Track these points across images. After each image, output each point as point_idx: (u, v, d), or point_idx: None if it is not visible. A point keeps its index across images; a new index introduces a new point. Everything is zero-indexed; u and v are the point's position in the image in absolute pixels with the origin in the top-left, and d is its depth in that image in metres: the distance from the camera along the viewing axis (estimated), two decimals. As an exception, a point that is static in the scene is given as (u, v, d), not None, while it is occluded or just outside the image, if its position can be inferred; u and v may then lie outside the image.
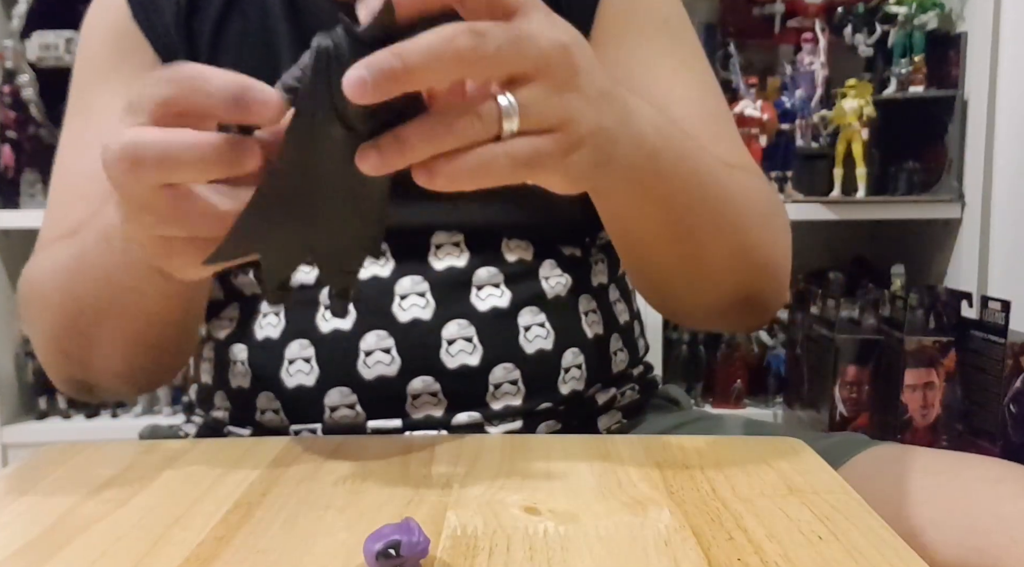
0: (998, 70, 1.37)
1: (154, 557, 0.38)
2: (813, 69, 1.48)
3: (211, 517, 0.42)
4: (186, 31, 0.67)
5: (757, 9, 1.58)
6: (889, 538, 0.38)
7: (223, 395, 0.68)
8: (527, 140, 0.41)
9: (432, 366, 0.62)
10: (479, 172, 0.40)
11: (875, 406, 1.26)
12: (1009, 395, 1.12)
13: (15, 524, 0.43)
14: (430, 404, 0.62)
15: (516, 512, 0.42)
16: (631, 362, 0.72)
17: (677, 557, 0.37)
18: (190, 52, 0.67)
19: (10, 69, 1.48)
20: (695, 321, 0.84)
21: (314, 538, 0.40)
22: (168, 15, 0.67)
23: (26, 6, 1.50)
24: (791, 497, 0.43)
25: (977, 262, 1.40)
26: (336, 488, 0.46)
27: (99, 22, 0.70)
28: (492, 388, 0.63)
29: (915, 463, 0.54)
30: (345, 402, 0.62)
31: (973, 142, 1.39)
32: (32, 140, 1.50)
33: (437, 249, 0.65)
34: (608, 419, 0.68)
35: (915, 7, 1.44)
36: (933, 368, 1.19)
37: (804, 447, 0.52)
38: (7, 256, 1.52)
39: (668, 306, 0.68)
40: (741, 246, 0.61)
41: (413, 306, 0.63)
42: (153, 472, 0.49)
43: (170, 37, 0.67)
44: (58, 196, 0.69)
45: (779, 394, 1.54)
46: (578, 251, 0.68)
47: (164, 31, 0.67)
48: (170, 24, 0.67)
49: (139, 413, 1.56)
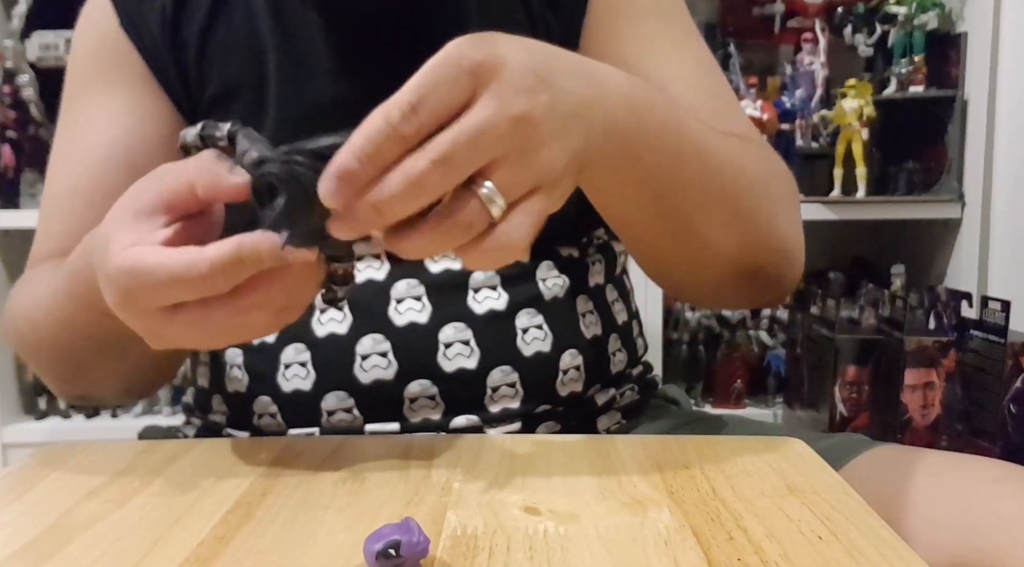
0: (998, 70, 1.37)
1: (154, 557, 0.38)
2: (813, 69, 1.48)
3: (211, 517, 0.42)
4: (172, 39, 0.66)
5: (757, 9, 1.57)
6: (889, 538, 0.38)
7: (220, 399, 0.68)
8: (522, 214, 0.42)
9: (429, 370, 0.62)
10: (498, 258, 0.42)
11: (875, 406, 1.26)
12: (1009, 395, 1.12)
13: (15, 524, 0.43)
14: (428, 408, 0.62)
15: (516, 512, 0.42)
16: (630, 362, 0.72)
17: (677, 557, 0.37)
18: (177, 60, 0.66)
19: (10, 69, 1.48)
20: (702, 298, 0.82)
21: (314, 538, 0.40)
22: (154, 24, 0.66)
23: (26, 6, 1.50)
24: (791, 497, 0.43)
25: (977, 262, 1.40)
26: (336, 488, 0.46)
27: (88, 30, 0.70)
28: (490, 391, 0.62)
29: (915, 464, 0.54)
30: (342, 406, 0.62)
31: (973, 142, 1.39)
32: (32, 140, 1.50)
33: None
34: (607, 420, 0.68)
35: (915, 7, 1.44)
36: (933, 368, 1.19)
37: (804, 447, 0.52)
38: (7, 256, 1.53)
39: (671, 283, 0.67)
40: (736, 217, 0.59)
41: (409, 309, 0.62)
42: (153, 472, 0.49)
43: (156, 46, 0.67)
44: (46, 209, 0.70)
45: (779, 394, 1.53)
46: (575, 251, 0.68)
47: (151, 40, 0.67)
48: (156, 32, 0.66)
49: (139, 413, 1.55)
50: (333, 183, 0.40)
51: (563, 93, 0.44)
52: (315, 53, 0.65)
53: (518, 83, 0.42)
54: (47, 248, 0.68)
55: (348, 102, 0.65)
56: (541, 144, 0.42)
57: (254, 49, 0.66)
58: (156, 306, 0.44)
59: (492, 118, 0.41)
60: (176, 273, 0.42)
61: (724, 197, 0.57)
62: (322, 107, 0.65)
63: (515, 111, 0.41)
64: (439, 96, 0.41)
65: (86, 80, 0.69)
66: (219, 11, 0.66)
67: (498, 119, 0.41)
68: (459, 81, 0.41)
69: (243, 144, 0.44)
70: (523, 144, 0.42)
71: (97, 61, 0.68)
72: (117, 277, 0.44)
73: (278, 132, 0.65)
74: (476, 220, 0.41)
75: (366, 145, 0.40)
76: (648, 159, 0.51)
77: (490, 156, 0.41)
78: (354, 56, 0.65)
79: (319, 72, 0.65)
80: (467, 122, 0.40)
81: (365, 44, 0.66)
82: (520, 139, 0.42)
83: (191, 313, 0.44)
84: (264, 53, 0.65)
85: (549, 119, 0.42)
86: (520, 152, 0.42)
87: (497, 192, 0.41)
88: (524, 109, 0.41)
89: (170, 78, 0.67)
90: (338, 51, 0.65)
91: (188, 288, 0.43)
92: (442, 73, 0.41)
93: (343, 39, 0.65)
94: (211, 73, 0.66)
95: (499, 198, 0.41)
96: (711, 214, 0.57)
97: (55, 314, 0.59)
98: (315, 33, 0.65)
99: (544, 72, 0.43)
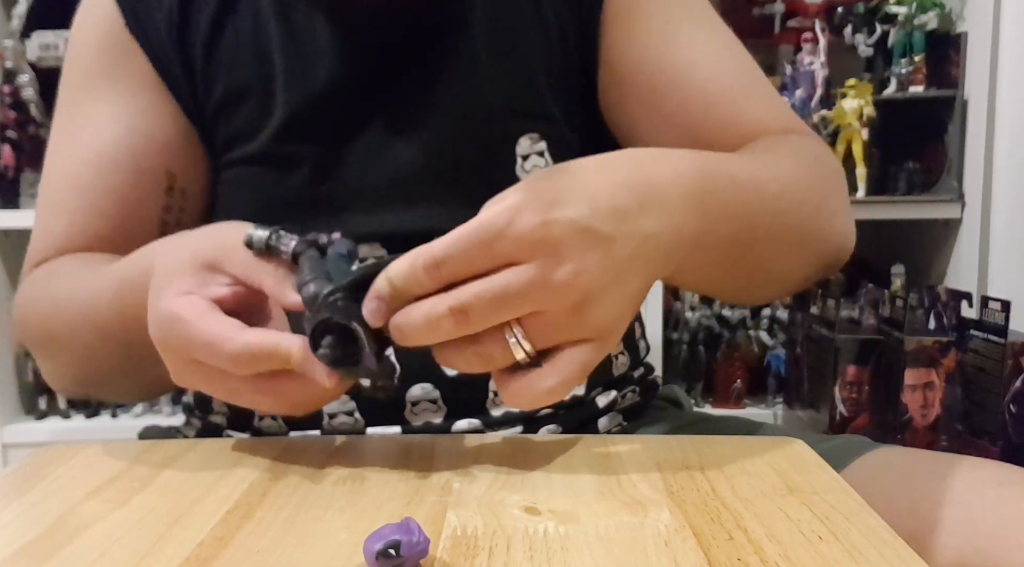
0: (998, 70, 1.37)
1: (154, 557, 0.38)
2: (813, 69, 1.48)
3: (211, 517, 0.42)
4: (179, 41, 0.66)
5: (757, 9, 1.57)
6: (889, 538, 0.38)
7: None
8: (566, 360, 0.42)
9: (431, 373, 0.62)
10: (535, 398, 0.43)
11: (875, 406, 1.26)
12: (1009, 395, 1.12)
13: (15, 524, 0.43)
14: (429, 411, 0.62)
15: (516, 512, 0.42)
16: (632, 364, 0.72)
17: (677, 557, 0.37)
18: (183, 62, 0.66)
19: (10, 69, 1.48)
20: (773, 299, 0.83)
21: (314, 538, 0.40)
22: (161, 25, 0.66)
23: (26, 6, 1.50)
24: (791, 497, 0.43)
25: (977, 262, 1.40)
26: (336, 488, 0.46)
27: (89, 27, 0.69)
28: (492, 395, 0.62)
29: (917, 466, 0.54)
30: (344, 409, 0.62)
31: (973, 142, 1.39)
32: (32, 140, 1.50)
33: None
34: (608, 422, 0.68)
35: (915, 7, 1.44)
36: (933, 368, 1.19)
37: (804, 447, 0.51)
38: (7, 256, 1.53)
39: (748, 301, 0.69)
40: (802, 240, 0.59)
41: None
42: (153, 472, 0.49)
43: (163, 47, 0.66)
44: (47, 205, 0.69)
45: (779, 394, 1.53)
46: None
47: (158, 41, 0.66)
48: (163, 33, 0.66)
49: (139, 413, 1.55)
50: (371, 309, 0.43)
51: (623, 239, 0.42)
52: (322, 55, 0.65)
53: (568, 249, 0.41)
54: (52, 246, 0.67)
55: (355, 103, 0.65)
56: (591, 302, 0.42)
57: (261, 51, 0.66)
58: (185, 356, 0.46)
59: (530, 286, 0.40)
60: (208, 340, 0.44)
61: (789, 231, 0.58)
62: (329, 109, 0.65)
63: (558, 279, 0.41)
64: (469, 258, 0.41)
65: (89, 78, 0.68)
66: (226, 14, 0.66)
67: (536, 289, 0.40)
68: (502, 245, 0.41)
69: (304, 273, 0.46)
70: (568, 305, 0.41)
71: (101, 60, 0.68)
72: (161, 318, 0.46)
73: (284, 133, 0.65)
74: (499, 356, 0.42)
75: (389, 286, 0.42)
76: (720, 242, 0.51)
77: (522, 312, 0.41)
78: (361, 57, 0.65)
79: (326, 74, 0.65)
80: (501, 281, 0.41)
81: (371, 45, 0.65)
82: (564, 301, 0.41)
83: (210, 372, 0.46)
84: (271, 55, 0.65)
85: (601, 274, 0.42)
86: (564, 311, 0.41)
87: (525, 340, 0.42)
88: (568, 276, 0.41)
89: (177, 79, 0.67)
90: (345, 53, 0.65)
91: (213, 358, 0.45)
92: (481, 236, 0.41)
93: (350, 41, 0.65)
94: (218, 75, 0.66)
95: (526, 344, 0.42)
96: (781, 251, 0.58)
97: (91, 316, 0.59)
98: (322, 35, 0.65)
99: (603, 224, 0.42)
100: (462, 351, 0.42)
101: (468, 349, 0.42)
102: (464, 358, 0.43)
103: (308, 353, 0.44)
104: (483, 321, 0.41)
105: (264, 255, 0.47)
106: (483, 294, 0.40)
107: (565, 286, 0.41)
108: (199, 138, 0.68)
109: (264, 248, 0.47)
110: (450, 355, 0.43)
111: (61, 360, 0.64)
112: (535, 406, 0.43)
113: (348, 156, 0.64)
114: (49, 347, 0.64)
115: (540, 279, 0.40)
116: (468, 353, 0.42)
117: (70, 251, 0.66)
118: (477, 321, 0.41)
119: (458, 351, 0.42)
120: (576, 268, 0.41)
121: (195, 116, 0.67)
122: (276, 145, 0.64)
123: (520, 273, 0.41)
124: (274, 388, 0.46)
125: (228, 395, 0.47)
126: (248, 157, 0.65)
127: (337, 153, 0.64)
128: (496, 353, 0.42)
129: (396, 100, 0.65)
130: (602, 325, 0.43)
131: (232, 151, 0.66)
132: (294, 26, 0.66)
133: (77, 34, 0.70)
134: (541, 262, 0.41)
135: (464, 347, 0.42)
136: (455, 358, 0.43)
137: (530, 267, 0.41)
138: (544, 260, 0.41)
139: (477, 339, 0.42)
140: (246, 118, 0.65)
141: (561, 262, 0.41)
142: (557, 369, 0.42)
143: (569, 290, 0.41)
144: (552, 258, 0.41)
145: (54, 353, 0.64)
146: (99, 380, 0.64)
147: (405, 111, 0.65)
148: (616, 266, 0.42)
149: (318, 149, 0.64)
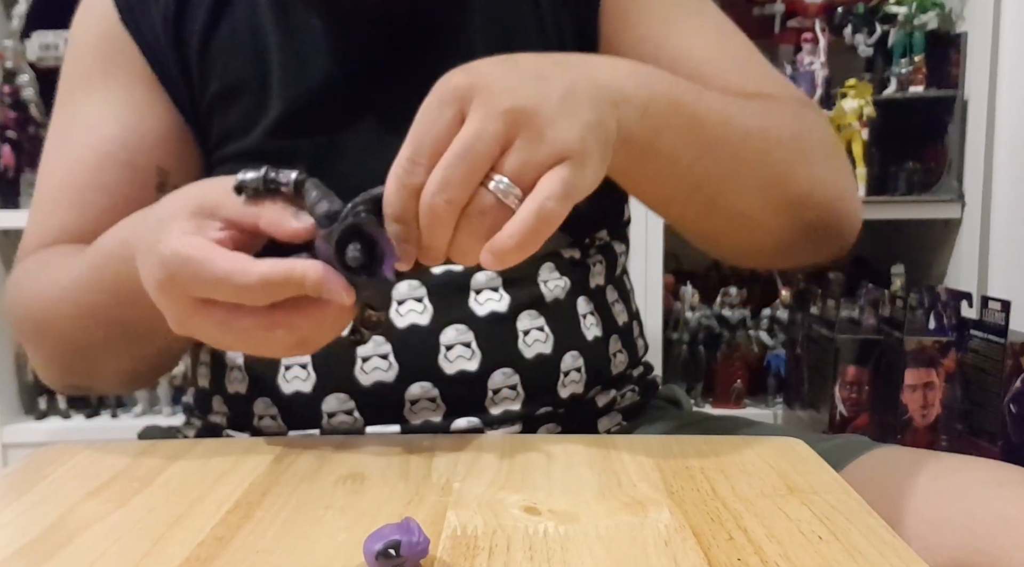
0: (998, 70, 1.37)
1: (154, 557, 0.38)
2: (813, 69, 1.48)
3: (211, 517, 0.42)
4: (174, 37, 0.66)
5: (757, 9, 1.57)
6: (889, 538, 0.38)
7: (220, 400, 0.68)
8: (549, 180, 0.43)
9: (430, 372, 0.62)
10: (540, 228, 0.43)
11: (875, 406, 1.26)
12: (1009, 395, 1.12)
13: (15, 524, 0.43)
14: (428, 410, 0.62)
15: (516, 512, 0.42)
16: (631, 363, 0.72)
17: (677, 557, 0.37)
18: (179, 58, 0.66)
19: (10, 69, 1.48)
20: (765, 262, 0.81)
21: (314, 538, 0.40)
22: (156, 20, 0.66)
23: (26, 6, 1.50)
24: (791, 497, 0.43)
25: (977, 262, 1.40)
26: (336, 488, 0.46)
27: (87, 24, 0.69)
28: (491, 393, 0.62)
29: (917, 466, 0.54)
30: (343, 408, 0.62)
31: (973, 142, 1.39)
32: (32, 140, 1.50)
33: None
34: (608, 421, 0.68)
35: (915, 7, 1.44)
36: (933, 368, 1.19)
37: (804, 447, 0.51)
38: (7, 256, 1.53)
39: (727, 253, 0.67)
40: (770, 180, 0.58)
41: (411, 311, 0.62)
42: (153, 472, 0.49)
43: (158, 43, 0.66)
44: (41, 201, 0.69)
45: (779, 394, 1.53)
46: (576, 253, 0.68)
47: (153, 37, 0.66)
48: (158, 29, 0.66)
49: (139, 413, 1.55)
50: (395, 232, 0.45)
51: (552, 80, 0.45)
52: (318, 51, 0.65)
53: (501, 87, 0.44)
54: (44, 240, 0.67)
55: (351, 100, 0.65)
56: (546, 124, 0.44)
57: (257, 47, 0.66)
58: (193, 295, 0.46)
59: (479, 124, 0.43)
60: (225, 273, 0.45)
61: (753, 164, 0.57)
62: (324, 105, 0.65)
63: (502, 107, 0.43)
64: (433, 137, 0.44)
65: (86, 75, 0.68)
66: (222, 9, 0.66)
67: (485, 122, 0.43)
68: (445, 112, 0.44)
69: (312, 195, 0.46)
70: (524, 131, 0.43)
71: (97, 56, 0.68)
72: (168, 258, 0.46)
73: (279, 128, 0.65)
74: (496, 214, 0.43)
75: (392, 205, 0.44)
76: (668, 133, 0.52)
77: (491, 158, 0.43)
78: (357, 54, 0.65)
79: (322, 70, 0.65)
80: (457, 142, 0.43)
81: (368, 42, 0.65)
82: (518, 127, 0.43)
83: (220, 313, 0.46)
84: (267, 51, 0.65)
85: (544, 104, 0.44)
86: (525, 138, 0.43)
87: (510, 184, 0.43)
88: (512, 103, 0.43)
89: (172, 75, 0.67)
90: (341, 49, 0.65)
91: (230, 290, 0.45)
92: (430, 113, 0.44)
93: (346, 37, 0.65)
94: (214, 71, 0.66)
95: (513, 189, 0.43)
96: (743, 183, 0.58)
97: (74, 295, 0.59)
98: (318, 31, 0.65)
99: (528, 70, 0.45)
100: (471, 228, 0.44)
101: (474, 222, 0.44)
102: (474, 234, 0.44)
103: (324, 273, 0.45)
104: (465, 182, 0.43)
105: (254, 199, 0.48)
106: (450, 158, 0.43)
107: (511, 112, 0.43)
108: (193, 134, 0.68)
109: (261, 185, 0.47)
110: (465, 242, 0.44)
111: (46, 346, 0.64)
112: (535, 238, 0.43)
113: (343, 152, 0.64)
114: (35, 335, 0.65)
115: (485, 114, 0.43)
116: (475, 225, 0.44)
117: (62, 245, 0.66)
118: (460, 185, 0.43)
119: (468, 233, 0.44)
120: (515, 97, 0.44)
121: (189, 112, 0.67)
122: (271, 141, 0.64)
123: (469, 121, 0.43)
124: (288, 320, 0.46)
125: (237, 337, 0.47)
126: (242, 153, 0.65)
127: (332, 149, 0.64)
128: (492, 210, 0.43)
129: (392, 96, 0.64)
130: (566, 141, 0.44)
131: (226, 147, 0.66)
132: (290, 22, 0.66)
133: (76, 32, 0.70)
134: (480, 100, 0.43)
135: (471, 223, 0.44)
136: (471, 243, 0.44)
137: (474, 111, 0.43)
138: (482, 98, 0.43)
139: (470, 210, 0.43)
140: (241, 113, 0.65)
141: (497, 95, 0.43)
142: (540, 187, 0.43)
143: (518, 115, 0.43)
144: (486, 94, 0.43)
145: (39, 341, 0.65)
146: (83, 367, 0.64)
147: (401, 107, 0.64)
148: (553, 92, 0.45)
149: (313, 145, 0.64)
